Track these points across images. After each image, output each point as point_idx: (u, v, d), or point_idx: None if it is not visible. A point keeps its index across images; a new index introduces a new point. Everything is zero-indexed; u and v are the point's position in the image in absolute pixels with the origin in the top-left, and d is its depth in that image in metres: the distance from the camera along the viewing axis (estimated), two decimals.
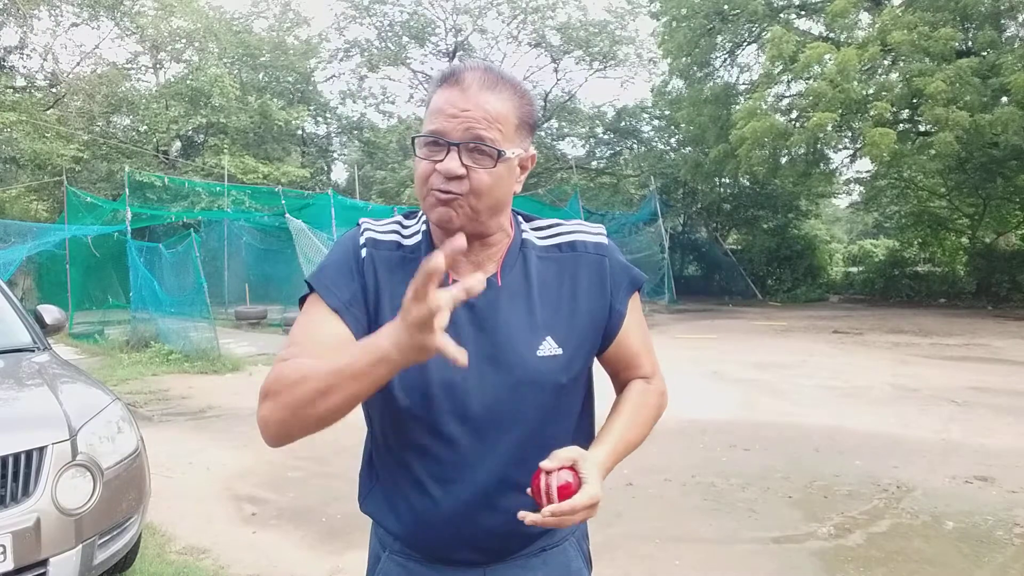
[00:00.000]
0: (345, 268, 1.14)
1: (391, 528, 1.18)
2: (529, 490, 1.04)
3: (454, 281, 1.11)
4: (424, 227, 1.19)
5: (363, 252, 1.14)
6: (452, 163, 1.04)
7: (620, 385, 1.28)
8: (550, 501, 1.00)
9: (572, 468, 1.03)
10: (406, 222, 1.21)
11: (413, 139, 1.09)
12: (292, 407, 0.96)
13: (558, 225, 1.23)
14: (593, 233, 1.22)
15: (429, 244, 1.16)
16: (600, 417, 1.26)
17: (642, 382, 1.26)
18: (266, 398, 1.00)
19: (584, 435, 1.21)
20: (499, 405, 1.09)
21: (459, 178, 1.05)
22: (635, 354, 1.24)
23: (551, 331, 1.13)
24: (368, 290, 1.12)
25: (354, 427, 1.24)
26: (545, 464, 1.02)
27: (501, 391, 1.10)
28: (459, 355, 0.85)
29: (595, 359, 1.22)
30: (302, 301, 1.16)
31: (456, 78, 1.07)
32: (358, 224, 1.21)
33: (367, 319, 1.11)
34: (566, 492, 1.01)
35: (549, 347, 1.12)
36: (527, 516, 1.01)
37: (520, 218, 1.22)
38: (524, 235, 1.20)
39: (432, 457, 1.11)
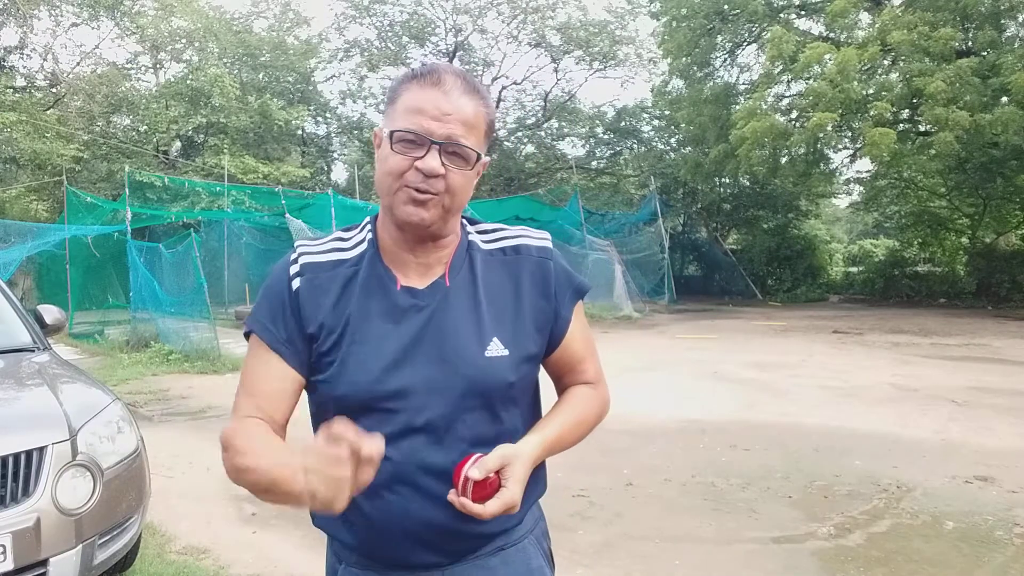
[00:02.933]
0: (277, 305, 1.16)
1: (346, 540, 1.17)
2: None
3: (401, 287, 1.15)
4: (369, 235, 1.20)
5: (295, 283, 1.16)
6: (434, 162, 1.07)
7: (560, 388, 1.30)
8: (464, 494, 1.04)
9: (497, 473, 1.05)
10: (346, 235, 1.22)
11: (392, 132, 1.10)
12: (236, 480, 1.06)
13: (502, 229, 1.26)
14: (537, 238, 1.24)
15: (374, 249, 1.18)
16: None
17: (587, 387, 1.27)
18: (224, 451, 1.06)
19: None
20: (449, 405, 1.10)
21: (437, 177, 1.08)
22: (579, 359, 1.25)
23: (497, 332, 1.14)
24: (302, 320, 1.14)
25: None
26: (472, 474, 1.04)
27: (450, 391, 1.11)
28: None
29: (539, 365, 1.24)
30: (247, 335, 1.20)
31: (436, 78, 1.10)
32: (293, 249, 1.21)
33: (308, 350, 1.14)
34: (481, 491, 1.04)
35: (496, 348, 1.13)
36: (450, 494, 1.05)
37: (465, 221, 1.24)
38: (470, 237, 1.22)
39: (385, 463, 1.08)
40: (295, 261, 1.18)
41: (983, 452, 5.03)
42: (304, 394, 1.20)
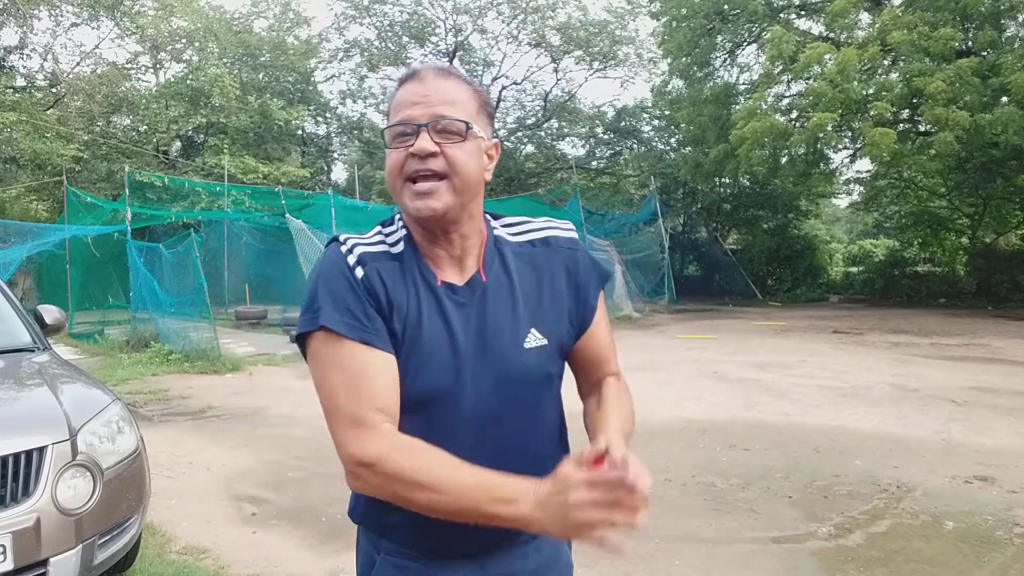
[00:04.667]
0: (347, 296, 1.10)
1: (393, 533, 1.18)
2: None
3: (441, 283, 1.15)
4: (404, 231, 1.20)
5: (358, 271, 1.12)
6: (424, 142, 1.09)
7: (589, 383, 1.29)
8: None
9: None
10: (386, 230, 1.22)
11: (383, 131, 1.14)
12: (397, 498, 1.02)
13: (528, 222, 1.27)
14: (565, 229, 1.26)
15: (411, 245, 1.18)
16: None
17: (615, 380, 1.28)
18: (371, 469, 1.02)
19: (562, 424, 1.27)
20: (493, 398, 1.12)
21: (434, 155, 1.09)
22: (604, 347, 1.28)
23: (535, 323, 1.17)
24: (382, 305, 1.11)
25: None
26: (587, 454, 0.95)
27: (494, 384, 1.13)
28: (621, 547, 0.90)
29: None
30: (301, 339, 1.12)
31: (413, 74, 1.15)
32: (335, 243, 1.18)
33: (391, 334, 1.10)
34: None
35: (535, 339, 1.16)
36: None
37: (487, 216, 1.25)
38: (496, 232, 1.23)
39: None
40: (350, 252, 1.15)
41: (983, 452, 5.03)
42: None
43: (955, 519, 3.80)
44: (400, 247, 1.18)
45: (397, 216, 1.22)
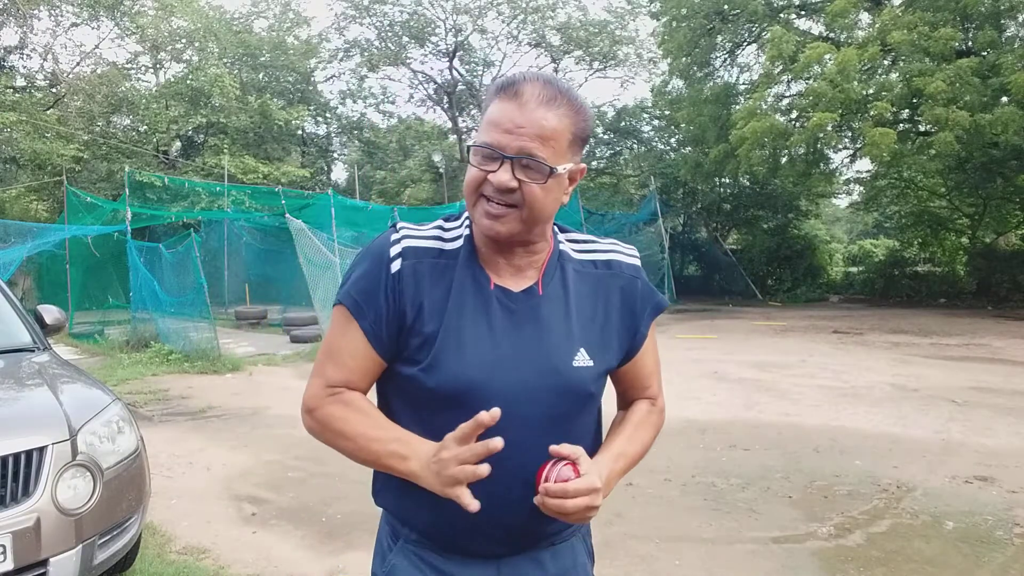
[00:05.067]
0: (374, 285, 1.16)
1: (412, 519, 1.20)
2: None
3: (495, 286, 1.16)
4: (467, 230, 1.21)
5: (395, 265, 1.16)
6: (504, 176, 1.09)
7: (625, 400, 1.34)
8: (547, 480, 1.08)
9: (574, 465, 1.08)
10: (447, 225, 1.23)
11: (469, 147, 1.13)
12: (327, 442, 1.20)
13: (594, 242, 1.29)
14: (628, 255, 1.29)
15: (471, 246, 1.19)
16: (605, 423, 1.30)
17: (647, 403, 1.32)
18: (310, 414, 1.20)
19: (599, 441, 1.28)
20: (533, 408, 1.13)
21: (511, 191, 1.09)
22: (648, 374, 1.31)
23: (584, 343, 1.18)
24: (398, 304, 1.15)
25: None
26: (553, 448, 1.08)
27: (536, 394, 1.14)
28: (471, 505, 1.03)
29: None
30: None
31: (515, 90, 1.10)
32: (393, 228, 1.21)
33: (395, 336, 1.16)
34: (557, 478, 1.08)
35: (583, 358, 1.18)
36: (537, 499, 1.08)
37: (556, 229, 1.25)
38: (561, 246, 1.24)
39: None
40: (397, 242, 1.18)
41: (983, 452, 5.03)
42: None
43: (955, 519, 3.80)
44: (458, 244, 1.19)
45: (465, 216, 1.22)
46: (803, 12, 18.99)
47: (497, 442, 1.01)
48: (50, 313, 3.99)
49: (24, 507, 2.46)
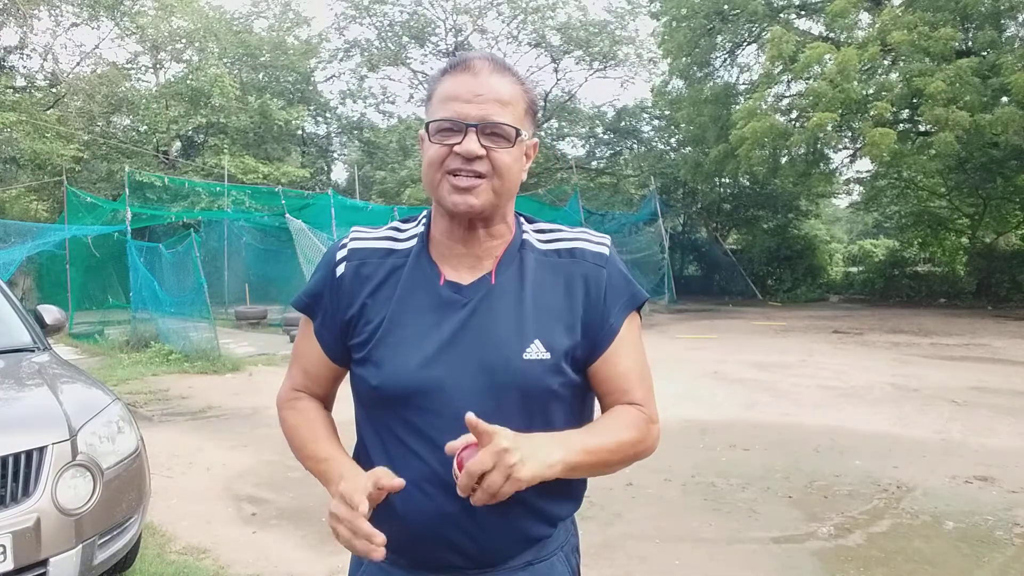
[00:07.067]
0: (321, 287, 1.20)
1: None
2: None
3: (445, 282, 1.14)
4: (423, 228, 1.19)
5: (339, 269, 1.18)
6: (472, 144, 1.07)
7: (603, 407, 1.20)
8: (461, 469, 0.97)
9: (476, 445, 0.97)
10: (403, 226, 1.22)
11: (427, 124, 1.10)
12: (286, 440, 1.26)
13: (561, 231, 1.22)
14: (596, 242, 1.19)
15: (423, 244, 1.17)
16: None
17: (632, 407, 1.15)
18: (278, 412, 1.29)
19: None
20: (481, 405, 1.02)
21: (480, 158, 1.07)
22: (624, 376, 1.15)
23: (540, 335, 1.10)
24: (340, 304, 1.17)
25: (355, 428, 1.24)
26: (450, 444, 0.98)
27: (484, 391, 1.07)
28: (375, 553, 1.03)
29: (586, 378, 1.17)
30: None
31: (466, 64, 1.10)
32: (348, 235, 1.24)
33: (342, 339, 1.19)
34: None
35: (536, 350, 1.09)
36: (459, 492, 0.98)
37: (522, 219, 1.22)
38: (525, 236, 1.19)
39: (416, 460, 1.09)
40: (344, 246, 1.20)
41: (983, 452, 5.03)
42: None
43: (955, 519, 3.80)
44: (411, 244, 1.18)
45: (422, 215, 1.22)
46: (803, 12, 19.00)
47: (378, 538, 1.01)
48: (50, 313, 3.99)
49: (24, 507, 2.46)
